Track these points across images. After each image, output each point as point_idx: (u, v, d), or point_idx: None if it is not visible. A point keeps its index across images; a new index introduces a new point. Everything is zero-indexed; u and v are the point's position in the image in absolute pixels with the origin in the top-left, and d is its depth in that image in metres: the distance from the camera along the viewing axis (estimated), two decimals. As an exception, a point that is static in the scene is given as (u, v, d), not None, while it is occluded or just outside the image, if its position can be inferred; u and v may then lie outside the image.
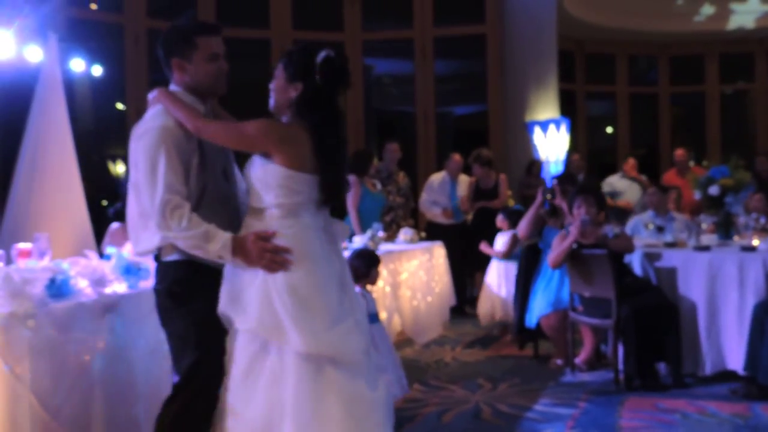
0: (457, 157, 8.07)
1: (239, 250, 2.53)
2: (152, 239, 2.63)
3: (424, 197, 8.03)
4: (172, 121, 2.62)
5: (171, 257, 2.65)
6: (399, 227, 7.15)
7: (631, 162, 9.81)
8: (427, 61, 10.52)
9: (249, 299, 2.57)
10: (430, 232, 7.66)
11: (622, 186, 9.56)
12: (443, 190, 7.96)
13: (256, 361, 2.57)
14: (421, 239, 6.97)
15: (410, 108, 11.06)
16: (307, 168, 2.61)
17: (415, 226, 7.53)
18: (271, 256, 2.53)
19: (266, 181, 2.60)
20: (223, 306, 2.61)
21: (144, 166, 2.58)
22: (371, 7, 10.68)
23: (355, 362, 2.62)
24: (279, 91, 2.69)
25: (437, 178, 8.12)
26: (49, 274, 2.99)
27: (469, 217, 8.04)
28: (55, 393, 2.75)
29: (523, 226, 5.79)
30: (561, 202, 5.60)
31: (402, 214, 7.58)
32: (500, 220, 6.71)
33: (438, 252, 6.78)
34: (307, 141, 2.61)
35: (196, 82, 2.73)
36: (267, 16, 10.24)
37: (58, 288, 2.97)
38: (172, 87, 2.76)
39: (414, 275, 6.10)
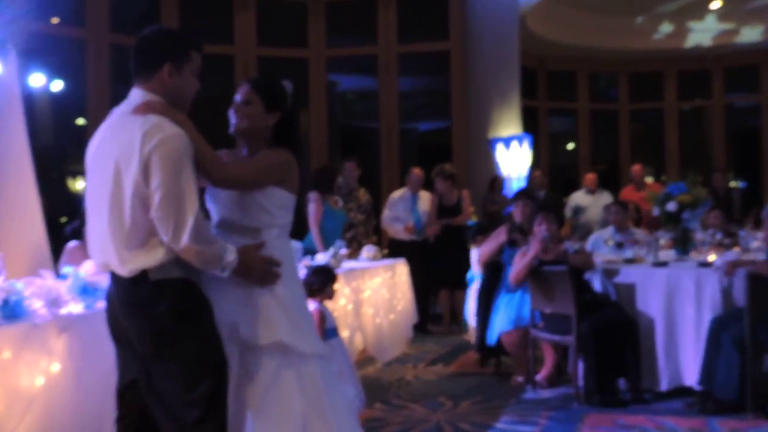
0: (417, 171, 8.08)
1: (242, 263, 2.58)
2: (153, 255, 2.44)
3: (386, 213, 8.04)
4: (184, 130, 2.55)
5: (167, 275, 2.47)
6: (360, 244, 7.15)
7: (591, 177, 9.95)
8: (391, 77, 10.58)
9: (269, 313, 2.67)
10: (393, 249, 7.67)
11: (585, 202, 9.67)
12: (405, 205, 7.98)
13: (277, 376, 2.67)
14: (384, 256, 6.97)
15: (374, 124, 11.10)
16: (296, 191, 2.83)
17: (378, 243, 7.54)
18: (268, 270, 2.66)
19: (268, 202, 2.73)
20: (249, 324, 2.64)
21: (168, 176, 2.40)
22: (335, 23, 10.73)
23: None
24: (256, 118, 2.79)
25: (398, 194, 8.15)
26: (2, 294, 2.94)
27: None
28: (9, 416, 2.70)
29: (485, 252, 5.85)
30: (524, 224, 5.67)
31: (363, 231, 7.57)
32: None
33: (401, 269, 6.79)
34: (296, 166, 2.82)
35: (178, 94, 2.63)
36: (231, 32, 10.22)
37: (11, 309, 2.92)
38: (147, 95, 2.57)
39: (376, 293, 6.10)
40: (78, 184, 9.86)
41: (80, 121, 9.27)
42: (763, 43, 13.96)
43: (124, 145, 2.46)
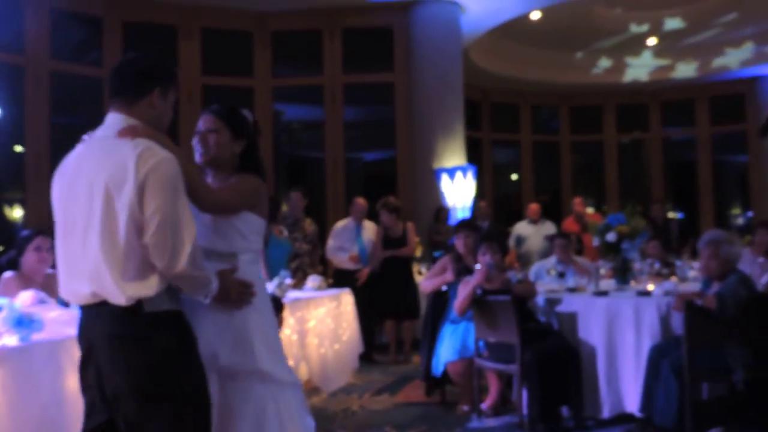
0: (360, 201, 8.11)
1: (221, 288, 2.58)
2: (150, 284, 2.35)
3: (331, 243, 8.03)
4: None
5: (161, 306, 2.38)
6: (305, 274, 7.11)
7: (534, 207, 10.11)
8: (336, 107, 10.63)
9: (247, 340, 2.70)
10: (338, 279, 7.65)
11: (527, 232, 9.80)
12: (349, 235, 7.99)
13: (258, 406, 2.69)
14: (329, 286, 6.95)
15: (320, 153, 11.11)
16: (266, 216, 2.91)
17: (324, 273, 7.51)
18: (243, 293, 2.70)
19: (244, 227, 2.77)
20: (229, 352, 2.65)
21: (165, 200, 2.34)
22: (281, 53, 10.76)
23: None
24: (225, 146, 2.84)
25: (342, 223, 8.16)
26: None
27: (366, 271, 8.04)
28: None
29: (428, 286, 5.88)
30: (467, 254, 5.71)
31: (308, 261, 7.54)
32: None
33: (346, 299, 6.77)
34: (266, 191, 2.92)
35: (159, 121, 2.58)
36: (176, 61, 10.16)
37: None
38: (129, 120, 2.50)
39: (321, 323, 6.06)
40: (15, 213, 9.60)
41: (18, 148, 9.06)
42: (698, 79, 14.45)
43: (114, 168, 2.36)
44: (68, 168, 2.53)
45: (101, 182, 2.37)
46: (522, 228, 9.94)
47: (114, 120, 2.53)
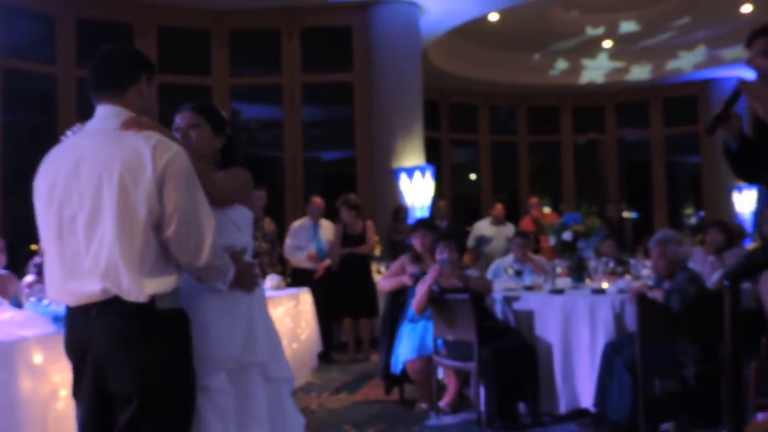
0: (317, 200, 8.08)
1: (237, 273, 2.59)
2: (166, 280, 2.32)
3: (288, 243, 7.98)
4: None
5: (173, 304, 2.37)
6: (264, 273, 7.07)
7: (499, 208, 10.08)
8: (295, 107, 10.61)
9: (256, 334, 2.72)
10: (296, 278, 7.62)
11: (490, 232, 9.80)
12: (306, 234, 7.96)
13: (264, 399, 2.73)
14: (288, 285, 6.93)
15: (278, 153, 11.07)
16: (253, 209, 2.97)
17: (283, 273, 7.48)
18: (254, 275, 2.74)
19: (240, 219, 2.78)
20: (239, 345, 2.64)
21: (185, 194, 2.32)
22: (239, 52, 10.70)
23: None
24: (207, 141, 2.86)
25: (299, 223, 8.14)
26: None
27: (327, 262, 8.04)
28: None
29: (386, 285, 5.90)
30: (424, 253, 5.75)
31: (267, 260, 7.50)
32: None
33: (305, 298, 6.76)
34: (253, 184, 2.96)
35: (149, 111, 2.55)
36: (131, 58, 10.02)
37: None
38: (124, 111, 2.44)
39: (280, 322, 6.04)
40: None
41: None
42: (652, 81, 14.72)
43: (128, 161, 2.30)
44: (58, 165, 2.40)
45: (113, 175, 2.29)
46: (485, 228, 9.93)
47: (109, 112, 2.45)
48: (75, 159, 2.37)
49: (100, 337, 2.31)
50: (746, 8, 11.94)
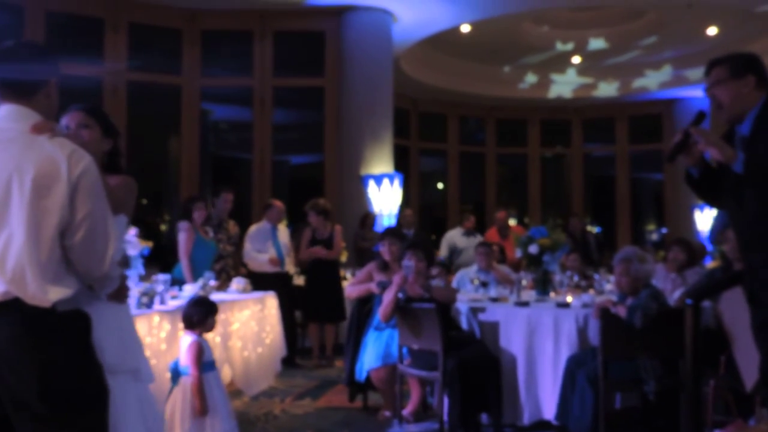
0: (278, 204, 7.89)
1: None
2: (68, 284, 2.31)
3: (248, 247, 7.74)
4: None
5: (74, 306, 2.34)
6: (229, 276, 7.03)
7: (471, 219, 10.05)
8: (265, 110, 10.58)
9: (128, 338, 2.79)
10: (256, 282, 7.06)
11: (462, 243, 9.78)
12: (265, 238, 7.76)
13: (137, 398, 2.80)
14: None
15: (247, 155, 11.03)
16: (131, 216, 2.96)
17: (248, 276, 7.42)
18: (126, 287, 2.77)
19: (120, 228, 2.78)
20: (116, 351, 2.65)
21: (94, 204, 2.32)
22: (211, 52, 10.64)
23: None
24: (96, 143, 2.85)
25: (256, 227, 7.90)
26: None
27: (290, 267, 8.00)
28: None
29: (353, 292, 5.90)
30: (392, 262, 5.77)
31: (232, 263, 7.45)
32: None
33: (270, 302, 6.74)
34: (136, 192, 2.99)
35: (52, 114, 2.50)
36: (101, 55, 9.93)
37: None
38: (32, 114, 2.38)
39: (245, 325, 6.02)
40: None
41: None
42: (618, 98, 14.95)
43: (42, 166, 2.27)
44: None
45: (24, 179, 2.26)
46: (457, 238, 9.87)
47: (15, 112, 2.37)
48: None
49: (6, 337, 2.26)
50: (712, 30, 12.20)
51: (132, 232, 4.78)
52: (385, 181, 10.01)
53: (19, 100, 2.40)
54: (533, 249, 6.06)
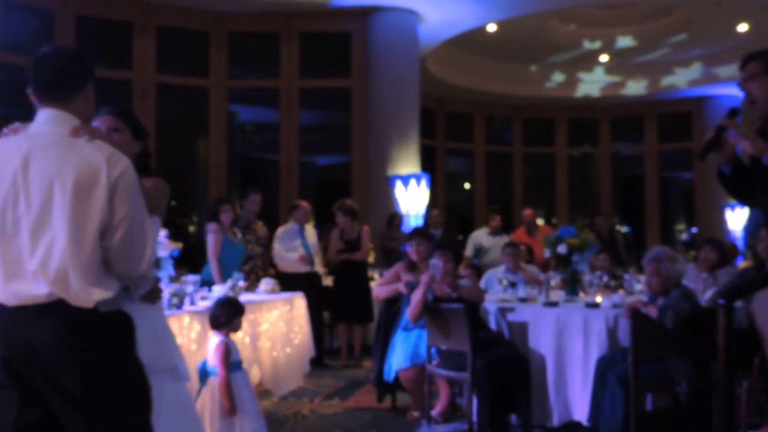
0: (305, 205, 7.90)
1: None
2: (109, 285, 2.34)
3: (278, 247, 7.77)
4: None
5: (112, 306, 2.36)
6: (258, 277, 7.06)
7: (497, 219, 10.01)
8: (292, 111, 10.61)
9: (163, 337, 2.87)
10: (285, 282, 7.11)
11: (488, 243, 9.73)
12: (293, 238, 7.77)
13: (174, 397, 2.88)
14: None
15: (274, 156, 11.08)
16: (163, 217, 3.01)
17: (276, 277, 7.45)
18: (159, 288, 2.85)
19: (154, 229, 2.84)
20: (152, 350, 2.67)
21: (133, 205, 2.36)
22: (238, 54, 10.71)
23: None
24: (127, 145, 2.86)
25: (284, 228, 7.91)
26: None
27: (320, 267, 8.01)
28: None
29: (381, 293, 5.90)
30: (419, 262, 5.76)
31: (260, 264, 7.47)
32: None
33: (299, 303, 6.76)
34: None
35: (88, 118, 2.56)
36: (130, 57, 10.03)
37: None
38: (70, 117, 2.43)
39: (274, 326, 6.05)
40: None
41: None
42: (647, 97, 14.80)
43: (83, 170, 2.31)
44: (4, 163, 2.36)
45: (66, 182, 2.29)
46: (482, 238, 9.83)
47: (55, 117, 2.43)
48: (22, 160, 2.34)
49: (45, 338, 2.28)
50: (742, 27, 12.03)
51: (162, 233, 4.83)
52: (412, 181, 9.99)
53: (58, 104, 2.44)
54: (562, 249, 6.02)
